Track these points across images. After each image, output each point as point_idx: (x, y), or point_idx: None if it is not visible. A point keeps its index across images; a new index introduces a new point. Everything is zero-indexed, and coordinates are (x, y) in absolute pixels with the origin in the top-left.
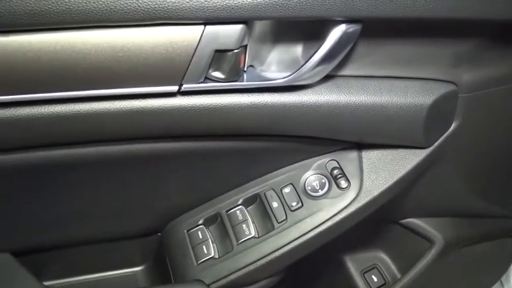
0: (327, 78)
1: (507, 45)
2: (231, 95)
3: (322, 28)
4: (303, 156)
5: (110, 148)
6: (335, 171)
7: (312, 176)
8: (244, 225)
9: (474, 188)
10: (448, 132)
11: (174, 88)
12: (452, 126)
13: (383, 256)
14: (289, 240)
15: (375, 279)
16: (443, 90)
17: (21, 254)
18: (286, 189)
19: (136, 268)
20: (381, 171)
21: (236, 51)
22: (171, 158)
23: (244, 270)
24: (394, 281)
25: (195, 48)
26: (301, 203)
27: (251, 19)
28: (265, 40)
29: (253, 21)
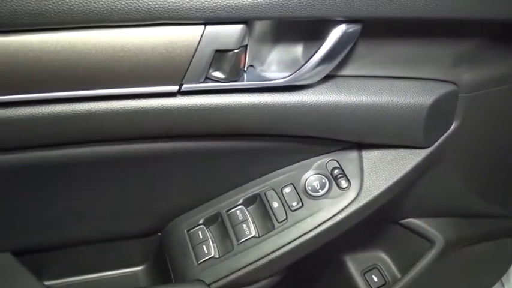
0: (327, 78)
1: (507, 45)
2: (231, 95)
3: (322, 28)
4: (303, 156)
5: (110, 148)
6: (335, 171)
7: (312, 176)
8: (244, 225)
9: (474, 188)
10: (448, 132)
11: (174, 88)
12: (453, 126)
13: (383, 256)
14: (289, 240)
15: (375, 279)
16: (443, 90)
17: (22, 254)
18: (287, 189)
19: (137, 268)
20: (381, 171)
21: (236, 51)
22: (172, 158)
23: (245, 270)
24: (395, 281)
25: (196, 48)
26: (302, 203)
27: (251, 19)
28: (266, 40)
29: (253, 21)
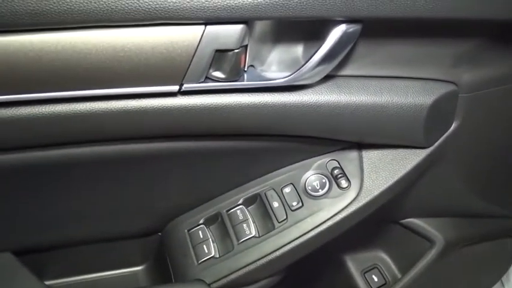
0: (327, 78)
1: (507, 45)
2: (232, 95)
3: (323, 28)
4: (303, 156)
5: (111, 148)
6: (335, 171)
7: (313, 176)
8: (244, 225)
9: (474, 188)
10: (448, 132)
11: (174, 88)
12: (453, 126)
13: (383, 256)
14: (289, 239)
15: (376, 279)
16: (443, 90)
17: (23, 254)
18: (287, 189)
19: (137, 268)
20: (381, 171)
21: (237, 51)
22: (172, 158)
23: (245, 269)
24: (395, 280)
25: (196, 48)
26: (302, 202)
27: (251, 19)
28: (266, 40)
29: (253, 21)
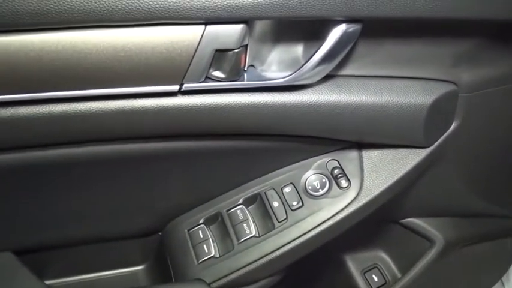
0: (327, 78)
1: (507, 45)
2: (232, 95)
3: (323, 28)
4: (303, 155)
5: (111, 148)
6: (335, 171)
7: (313, 176)
8: (244, 225)
9: (474, 188)
10: (448, 132)
11: (175, 88)
12: (453, 126)
13: (383, 256)
14: (289, 239)
15: (376, 279)
16: (443, 90)
17: (23, 253)
18: (287, 188)
19: (137, 267)
20: (381, 171)
21: (237, 51)
22: (172, 158)
23: (245, 269)
24: (395, 280)
25: (196, 47)
26: (302, 202)
27: (252, 19)
28: (266, 40)
29: (253, 21)
